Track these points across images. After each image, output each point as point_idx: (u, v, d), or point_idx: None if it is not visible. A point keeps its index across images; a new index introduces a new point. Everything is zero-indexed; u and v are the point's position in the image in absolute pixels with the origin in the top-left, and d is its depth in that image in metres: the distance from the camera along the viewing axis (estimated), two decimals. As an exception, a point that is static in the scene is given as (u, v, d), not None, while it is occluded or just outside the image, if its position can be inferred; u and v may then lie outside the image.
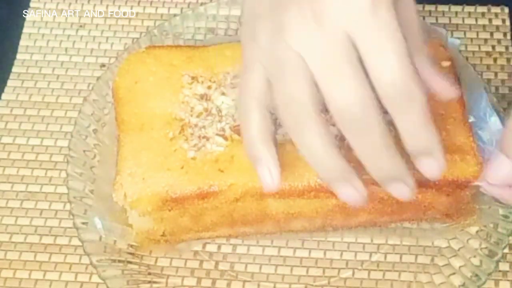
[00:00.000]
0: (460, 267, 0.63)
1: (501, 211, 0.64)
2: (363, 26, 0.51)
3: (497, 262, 0.62)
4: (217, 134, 0.61)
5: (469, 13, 0.79)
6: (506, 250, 0.64)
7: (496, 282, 0.64)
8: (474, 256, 0.63)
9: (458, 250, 0.64)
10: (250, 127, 0.56)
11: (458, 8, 0.79)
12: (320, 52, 0.52)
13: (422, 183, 0.59)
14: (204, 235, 0.65)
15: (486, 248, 0.64)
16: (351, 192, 0.55)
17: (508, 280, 0.64)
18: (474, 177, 0.60)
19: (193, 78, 0.65)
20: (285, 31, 0.53)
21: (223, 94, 0.64)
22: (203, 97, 0.64)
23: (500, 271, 0.64)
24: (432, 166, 0.54)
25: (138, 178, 0.60)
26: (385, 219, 0.65)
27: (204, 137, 0.61)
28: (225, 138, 0.61)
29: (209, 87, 0.64)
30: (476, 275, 0.62)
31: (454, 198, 0.62)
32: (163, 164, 0.60)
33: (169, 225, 0.63)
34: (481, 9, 0.79)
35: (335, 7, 0.52)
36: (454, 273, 0.63)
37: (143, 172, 0.60)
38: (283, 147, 0.60)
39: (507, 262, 0.65)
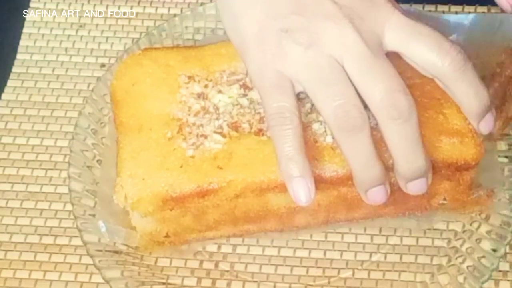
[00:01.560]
0: (461, 263, 0.63)
1: (505, 211, 0.64)
2: (396, 21, 0.58)
3: (500, 258, 0.62)
4: (215, 132, 0.61)
5: (469, 13, 0.79)
6: (507, 250, 0.64)
7: (496, 282, 0.64)
8: (477, 253, 0.63)
9: (460, 247, 0.64)
10: (286, 143, 0.57)
11: (458, 8, 0.79)
12: (358, 53, 0.57)
13: None
14: (207, 234, 0.65)
15: (489, 243, 0.63)
16: (382, 195, 0.59)
17: (508, 280, 0.64)
18: (472, 159, 0.61)
19: (189, 77, 0.65)
20: (324, 41, 0.57)
21: (219, 92, 0.64)
22: (200, 96, 0.64)
23: (500, 271, 0.64)
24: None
25: (138, 179, 0.60)
26: (389, 209, 0.64)
27: (202, 135, 0.61)
28: (223, 136, 0.61)
29: (205, 86, 0.64)
30: (480, 272, 0.62)
31: (456, 183, 0.63)
32: (163, 164, 0.60)
33: (172, 226, 0.63)
34: (481, 9, 0.79)
35: (372, 14, 0.58)
36: (456, 270, 0.63)
37: (143, 172, 0.60)
38: None
39: (507, 262, 0.65)
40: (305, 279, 0.65)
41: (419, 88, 0.62)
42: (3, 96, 0.76)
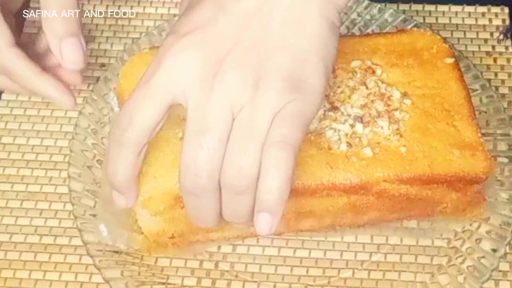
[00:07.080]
0: (461, 263, 0.63)
1: (505, 212, 0.64)
2: None
3: (500, 258, 0.62)
4: None
5: (469, 13, 0.79)
6: (507, 250, 0.64)
7: (496, 282, 0.64)
8: (477, 253, 0.63)
9: (460, 247, 0.64)
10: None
11: (458, 8, 0.79)
12: None
13: (434, 179, 0.60)
14: (212, 236, 0.65)
15: (489, 243, 0.63)
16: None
17: (508, 280, 0.64)
18: (483, 173, 0.61)
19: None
20: None
21: None
22: None
23: (500, 271, 0.64)
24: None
25: (150, 177, 0.60)
26: (395, 216, 0.65)
27: None
28: None
29: None
30: (480, 272, 0.62)
31: (463, 194, 0.63)
32: (174, 162, 0.60)
33: (179, 226, 0.62)
34: (481, 9, 0.79)
35: None
36: (456, 270, 0.63)
37: (154, 170, 0.60)
38: None
39: (507, 262, 0.65)
40: (305, 279, 0.65)
41: (430, 99, 0.63)
42: (3, 96, 0.76)
